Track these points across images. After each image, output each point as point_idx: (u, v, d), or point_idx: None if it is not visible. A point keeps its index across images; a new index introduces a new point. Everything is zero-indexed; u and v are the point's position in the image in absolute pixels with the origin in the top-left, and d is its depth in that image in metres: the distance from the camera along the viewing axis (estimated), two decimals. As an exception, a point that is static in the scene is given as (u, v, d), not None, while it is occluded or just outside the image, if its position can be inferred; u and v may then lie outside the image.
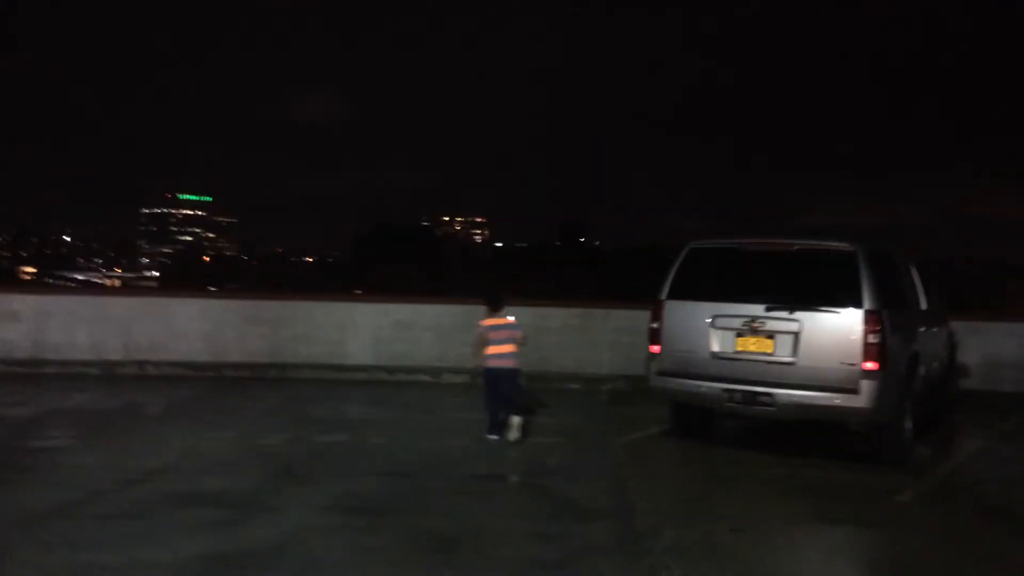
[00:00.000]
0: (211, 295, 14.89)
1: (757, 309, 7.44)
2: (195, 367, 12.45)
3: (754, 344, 7.44)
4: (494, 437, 8.16)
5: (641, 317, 12.17)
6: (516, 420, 8.13)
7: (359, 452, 7.68)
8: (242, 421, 8.91)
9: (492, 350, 8.22)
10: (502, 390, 8.19)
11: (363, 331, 13.04)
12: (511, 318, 8.47)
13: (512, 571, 4.68)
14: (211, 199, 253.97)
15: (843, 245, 7.47)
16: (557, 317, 13.19)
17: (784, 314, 7.32)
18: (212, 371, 12.38)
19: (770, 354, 7.36)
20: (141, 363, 12.47)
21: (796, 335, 7.25)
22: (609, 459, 7.58)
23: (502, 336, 8.28)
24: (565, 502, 6.11)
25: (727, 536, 5.42)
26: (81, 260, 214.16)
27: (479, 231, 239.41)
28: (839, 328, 7.14)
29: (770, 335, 7.38)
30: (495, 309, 8.42)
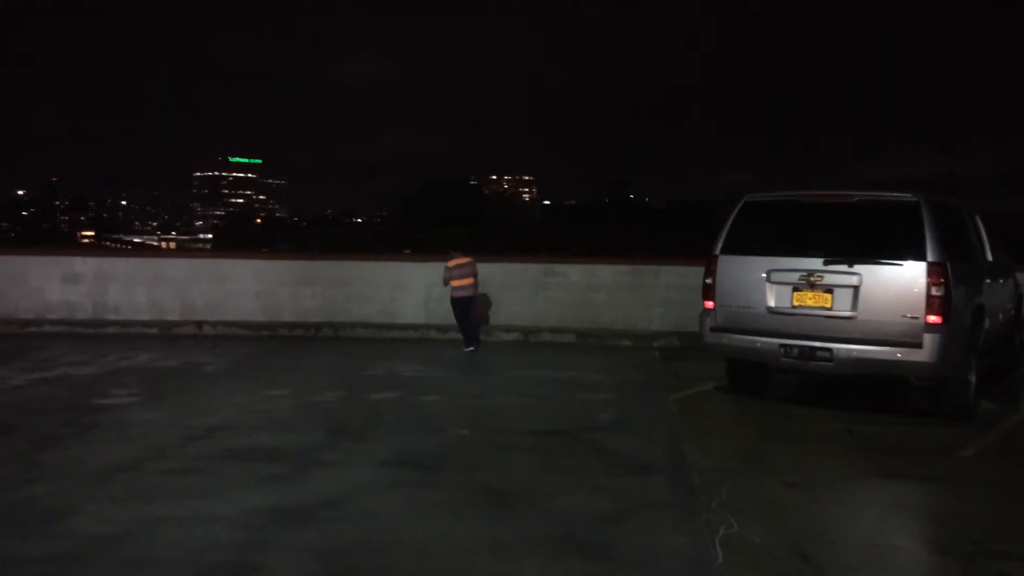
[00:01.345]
0: (264, 256, 15.08)
1: (815, 263, 7.27)
2: (250, 326, 12.67)
3: (812, 298, 7.28)
4: (471, 349, 11.13)
5: (692, 273, 12.07)
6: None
7: (413, 409, 7.75)
8: (297, 379, 9.05)
9: (457, 283, 11.08)
10: (468, 312, 11.10)
11: (413, 290, 13.12)
12: (469, 258, 11.24)
13: (567, 524, 4.69)
14: (261, 161, 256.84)
15: (906, 196, 7.24)
16: (606, 274, 13.11)
17: (843, 267, 7.14)
18: (267, 330, 12.59)
19: (828, 308, 7.20)
20: (199, 323, 12.73)
21: (856, 288, 7.07)
22: (662, 415, 7.54)
23: (465, 272, 11.12)
24: (619, 457, 6.10)
25: (784, 491, 5.36)
26: (137, 224, 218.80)
27: (527, 189, 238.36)
28: (901, 281, 6.94)
29: (828, 289, 7.21)
30: (462, 252, 11.31)
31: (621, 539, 4.51)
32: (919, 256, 6.89)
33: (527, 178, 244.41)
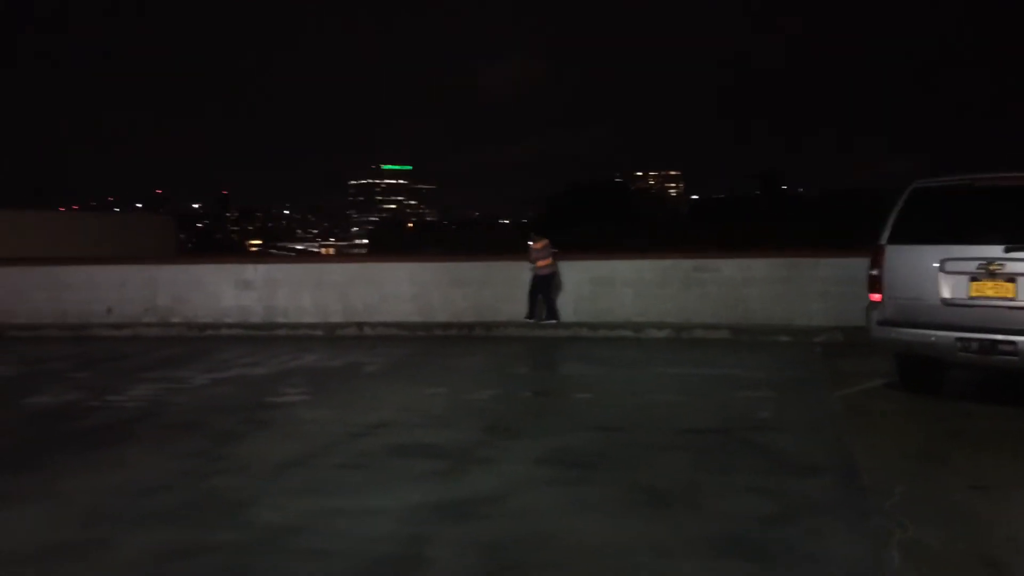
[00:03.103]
0: (417, 259, 15.55)
1: (995, 250, 6.75)
2: (407, 327, 13.10)
3: (992, 288, 6.77)
4: (531, 320, 12.87)
5: (853, 265, 11.49)
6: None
7: (567, 407, 7.77)
8: (453, 377, 9.27)
9: (541, 263, 12.80)
10: (545, 288, 12.79)
11: (562, 289, 13.17)
12: (547, 240, 12.95)
13: (730, 525, 4.57)
14: (411, 168, 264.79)
15: None
16: (760, 268, 12.71)
17: None
18: (422, 331, 12.98)
19: (1012, 299, 6.67)
20: (360, 324, 13.29)
21: (1042, 277, 6.52)
22: (827, 413, 7.22)
23: (544, 254, 12.81)
24: (781, 457, 5.89)
25: (965, 494, 5.01)
26: (299, 231, 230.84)
27: (674, 184, 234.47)
28: None
29: (1011, 278, 6.68)
30: (543, 236, 13.13)
31: (786, 541, 4.34)
32: None
33: (673, 173, 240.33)
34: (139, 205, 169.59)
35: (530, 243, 13.15)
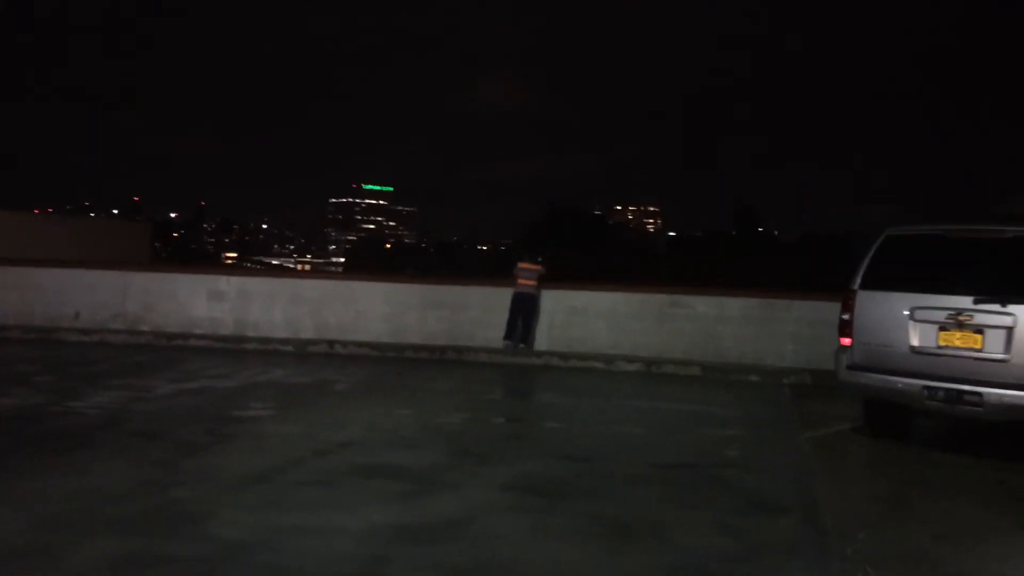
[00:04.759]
0: (392, 279, 15.49)
1: (964, 301, 6.85)
2: (378, 347, 13.02)
3: (960, 339, 6.86)
4: (508, 342, 12.69)
5: (826, 308, 11.60)
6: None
7: (536, 435, 7.74)
8: (423, 400, 9.21)
9: (522, 281, 12.85)
10: (524, 308, 12.75)
11: (539, 315, 13.15)
12: (537, 266, 13.05)
13: (693, 560, 4.55)
14: (392, 189, 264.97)
15: None
16: (735, 307, 12.78)
17: (995, 307, 6.70)
18: (394, 352, 12.90)
19: (979, 350, 6.76)
20: (331, 342, 13.18)
21: (1010, 330, 6.62)
22: (794, 454, 7.25)
23: (530, 275, 12.93)
24: (747, 495, 5.89)
25: (928, 542, 5.04)
26: (276, 246, 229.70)
27: (651, 220, 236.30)
28: None
29: (979, 329, 6.77)
30: (531, 257, 13.39)
31: (749, 580, 4.33)
32: None
33: (652, 209, 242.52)
34: (115, 212, 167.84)
35: (520, 263, 13.20)
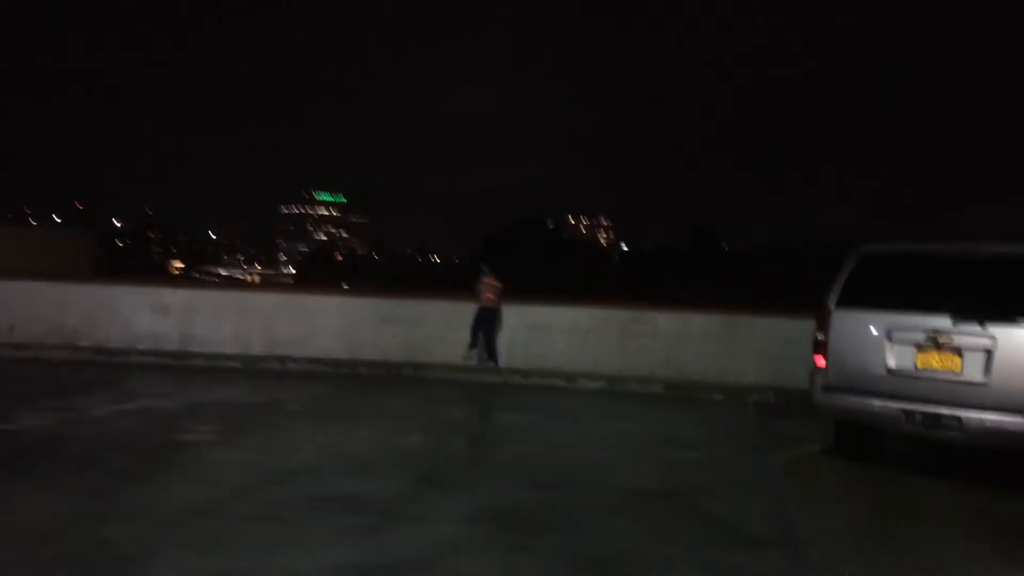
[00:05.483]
0: (346, 293, 15.07)
1: (942, 321, 6.66)
2: (332, 364, 12.55)
3: (938, 361, 6.66)
4: (474, 350, 12.59)
5: (789, 326, 11.49)
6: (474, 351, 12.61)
7: (500, 459, 7.38)
8: (380, 420, 8.80)
9: (484, 296, 12.62)
10: (486, 322, 12.55)
11: (502, 330, 12.81)
12: (494, 281, 12.72)
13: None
14: (345, 200, 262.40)
15: None
16: (698, 323, 12.62)
17: (975, 328, 6.52)
18: (348, 368, 12.44)
19: (958, 372, 6.57)
20: (282, 358, 12.66)
21: (989, 352, 6.44)
22: (768, 480, 6.99)
23: (491, 289, 12.64)
24: (727, 527, 5.58)
25: (917, 578, 4.78)
26: (225, 257, 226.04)
27: (605, 233, 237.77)
28: None
29: (957, 351, 6.59)
30: (491, 274, 12.84)
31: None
32: None
33: (605, 222, 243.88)
34: (58, 220, 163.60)
35: (483, 276, 12.86)
